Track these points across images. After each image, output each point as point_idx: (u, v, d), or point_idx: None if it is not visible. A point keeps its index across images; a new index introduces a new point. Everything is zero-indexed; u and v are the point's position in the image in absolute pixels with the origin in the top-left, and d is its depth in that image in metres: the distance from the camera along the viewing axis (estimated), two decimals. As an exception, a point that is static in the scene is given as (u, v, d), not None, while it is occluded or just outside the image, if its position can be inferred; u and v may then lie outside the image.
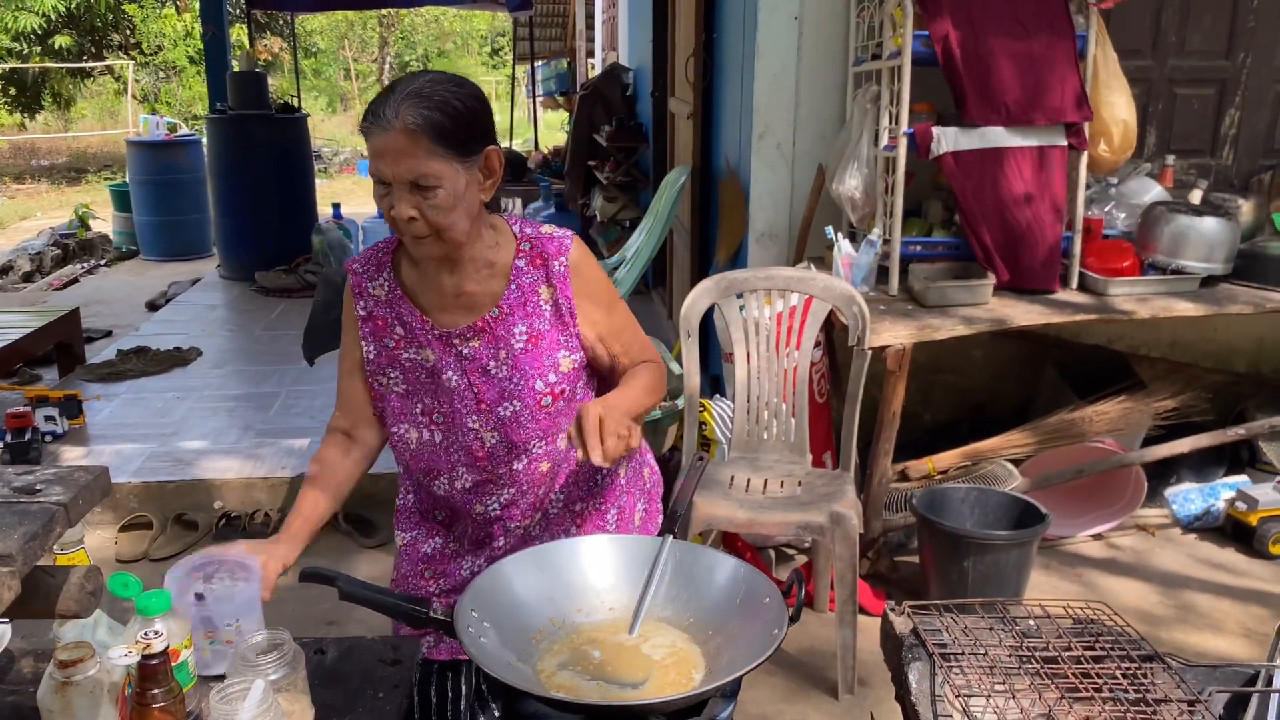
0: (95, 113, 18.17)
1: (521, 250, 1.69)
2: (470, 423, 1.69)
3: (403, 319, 1.70)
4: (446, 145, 1.51)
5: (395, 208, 1.53)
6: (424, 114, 1.49)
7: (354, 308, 1.73)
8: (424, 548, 1.85)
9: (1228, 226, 3.30)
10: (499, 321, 1.67)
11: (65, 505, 1.14)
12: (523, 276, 1.69)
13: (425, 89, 1.52)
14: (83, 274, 8.10)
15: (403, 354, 1.71)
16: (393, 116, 1.49)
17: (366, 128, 1.52)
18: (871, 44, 3.40)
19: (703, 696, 1.24)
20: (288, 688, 1.25)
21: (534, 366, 1.68)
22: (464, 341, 1.67)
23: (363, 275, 1.73)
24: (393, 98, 1.51)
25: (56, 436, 4.18)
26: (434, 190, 1.52)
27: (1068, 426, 3.51)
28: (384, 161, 1.51)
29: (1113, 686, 1.40)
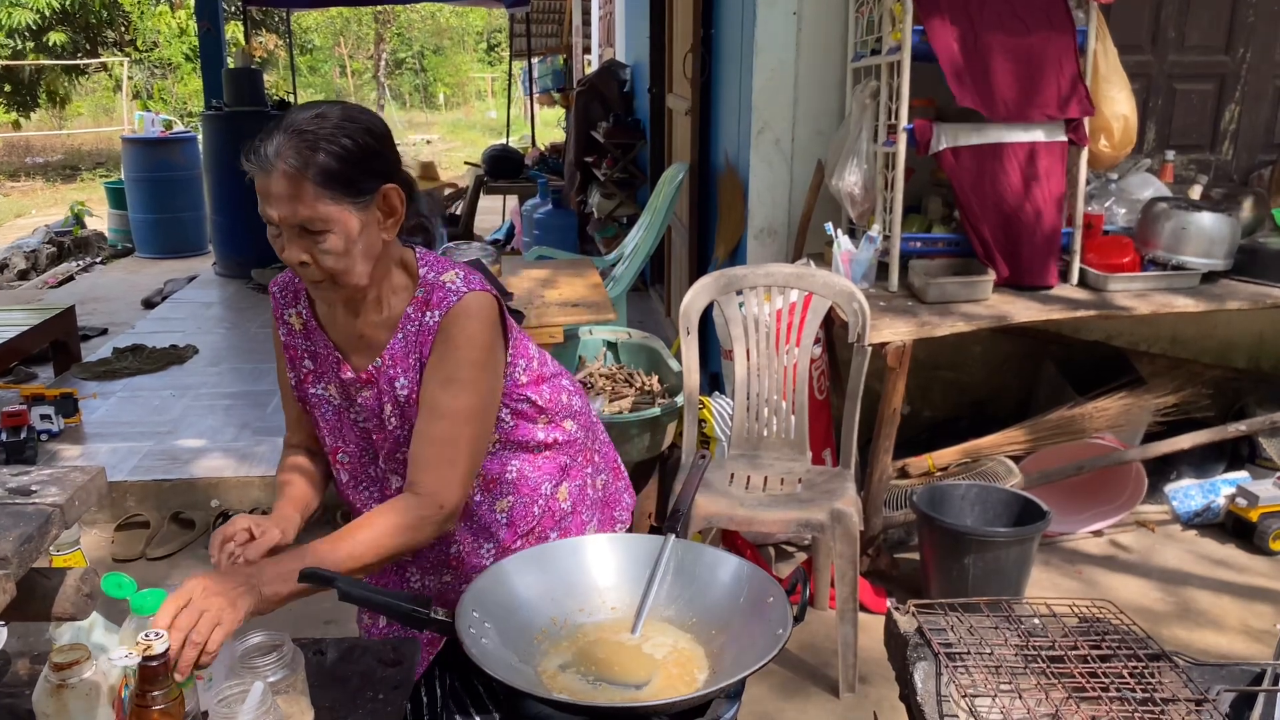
0: (90, 110, 18.14)
1: (416, 298, 1.57)
2: (379, 467, 1.67)
3: (315, 352, 1.65)
4: (334, 188, 1.42)
5: (286, 251, 1.46)
6: (306, 154, 1.40)
7: (277, 331, 1.68)
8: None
9: (1228, 222, 3.29)
10: (380, 373, 1.59)
11: (61, 507, 1.13)
12: (409, 324, 1.57)
13: (309, 125, 1.42)
14: (78, 271, 8.07)
15: (310, 389, 1.66)
16: (272, 157, 1.40)
17: (248, 168, 1.43)
18: (871, 39, 3.38)
19: (707, 698, 1.23)
20: (287, 689, 1.24)
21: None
22: (357, 391, 1.62)
23: (280, 301, 1.67)
24: (274, 136, 1.41)
25: (52, 435, 4.17)
26: (324, 235, 1.43)
27: (1068, 423, 3.50)
28: (268, 204, 1.43)
29: (1120, 686, 1.39)
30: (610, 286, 4.52)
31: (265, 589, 1.31)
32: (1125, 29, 3.66)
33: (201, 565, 3.48)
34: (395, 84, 23.63)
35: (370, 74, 22.81)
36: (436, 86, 25.07)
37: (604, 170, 7.43)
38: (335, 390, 1.64)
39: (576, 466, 1.82)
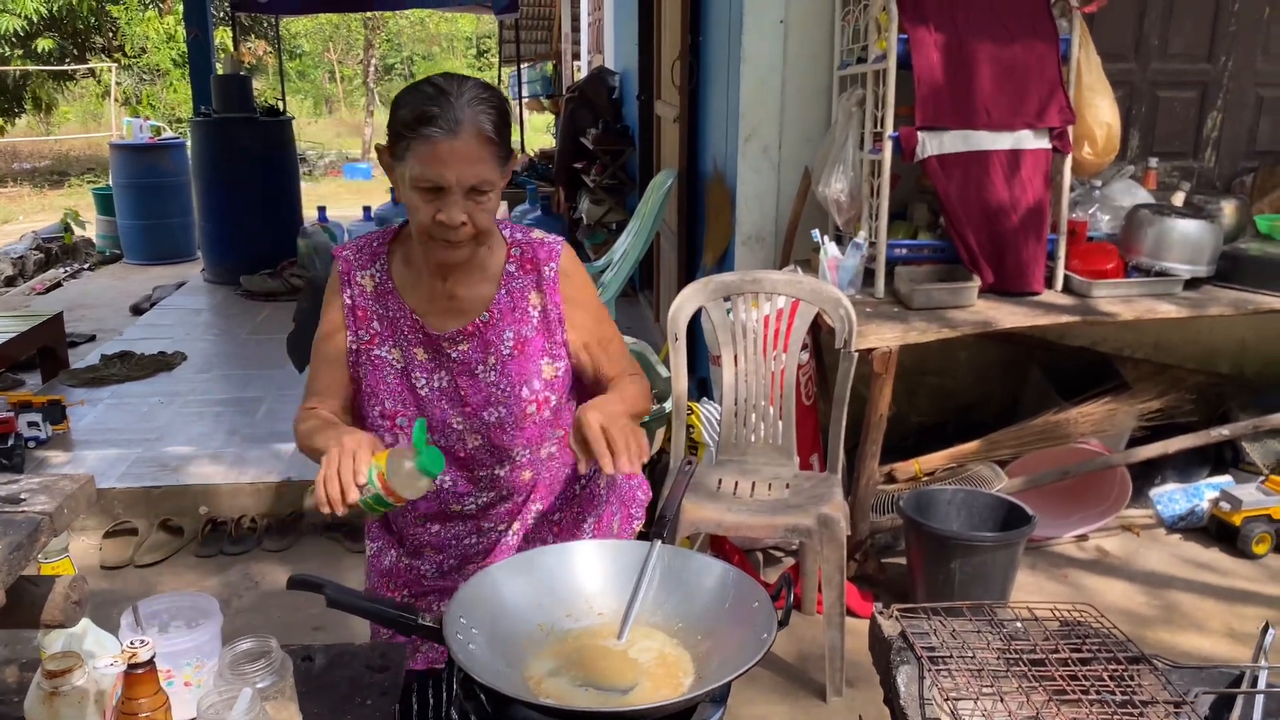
0: (78, 116, 18.08)
1: (512, 255, 1.68)
2: (454, 424, 1.67)
3: (387, 315, 1.67)
4: (500, 151, 1.52)
5: (446, 213, 1.50)
6: (492, 116, 1.49)
7: (340, 294, 1.68)
8: (384, 560, 1.85)
9: (1210, 229, 3.32)
10: (489, 326, 1.65)
11: (50, 515, 1.14)
12: (513, 282, 1.67)
13: (483, 94, 1.50)
14: (66, 278, 8.05)
15: (374, 350, 1.67)
16: (464, 120, 1.46)
17: (426, 133, 1.46)
18: (856, 48, 3.41)
19: (692, 702, 1.24)
20: (275, 695, 1.24)
21: (520, 373, 1.66)
22: (453, 345, 1.65)
23: (353, 263, 1.69)
24: (456, 101, 1.47)
25: (40, 442, 4.16)
26: (486, 195, 1.52)
27: (1053, 428, 3.53)
28: (447, 166, 1.47)
29: (1099, 688, 1.40)
30: (599, 292, 4.53)
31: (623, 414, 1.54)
32: (1108, 37, 3.70)
33: (191, 571, 3.48)
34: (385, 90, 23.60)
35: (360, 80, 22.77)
36: (426, 92, 25.01)
37: (593, 177, 7.45)
38: (423, 351, 1.66)
39: None
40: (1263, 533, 3.44)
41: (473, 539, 1.79)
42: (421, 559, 1.83)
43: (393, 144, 1.53)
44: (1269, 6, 3.89)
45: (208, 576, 3.44)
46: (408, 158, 1.49)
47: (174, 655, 1.33)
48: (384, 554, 1.86)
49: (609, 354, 1.74)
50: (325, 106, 23.33)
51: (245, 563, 3.52)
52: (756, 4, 3.58)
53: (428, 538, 1.81)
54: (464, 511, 1.76)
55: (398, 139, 1.51)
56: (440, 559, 1.82)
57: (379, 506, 1.43)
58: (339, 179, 15.07)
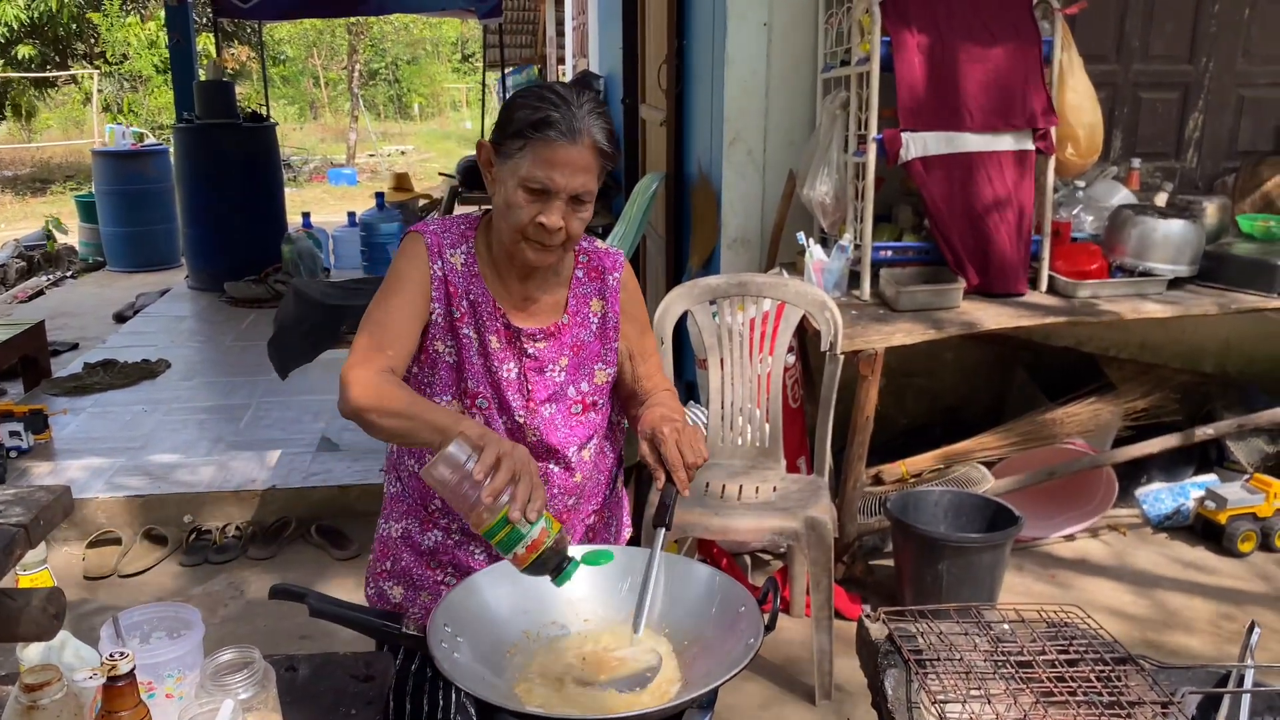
0: (60, 123, 17.96)
1: (580, 261, 1.74)
2: (518, 417, 1.70)
3: (473, 297, 1.68)
4: (605, 164, 1.57)
5: (548, 217, 1.54)
6: (606, 132, 1.56)
7: (427, 265, 1.66)
8: (424, 540, 1.80)
9: (1193, 229, 3.34)
10: (565, 329, 1.71)
11: (26, 527, 1.12)
12: (580, 287, 1.74)
13: (599, 106, 1.56)
14: (48, 286, 8.00)
15: (463, 328, 1.68)
16: (585, 131, 1.52)
17: (546, 136, 1.51)
18: (840, 50, 3.41)
19: (679, 708, 1.23)
20: (258, 706, 1.23)
21: (574, 375, 1.72)
22: (532, 342, 1.69)
23: (443, 239, 1.70)
24: (578, 110, 1.53)
25: (22, 452, 4.12)
26: (585, 205, 1.57)
27: (1039, 428, 3.54)
28: (561, 173, 1.52)
29: (1087, 690, 1.40)
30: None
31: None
32: (1090, 39, 3.72)
33: (176, 580, 3.45)
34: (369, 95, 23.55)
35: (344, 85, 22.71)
36: (411, 97, 25.00)
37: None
38: (497, 340, 1.67)
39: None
40: (1248, 531, 3.46)
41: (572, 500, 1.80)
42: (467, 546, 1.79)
43: (504, 142, 1.57)
44: (1248, 8, 3.92)
45: (192, 585, 3.41)
46: (520, 157, 1.54)
47: (155, 667, 1.32)
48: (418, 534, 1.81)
49: (649, 366, 1.80)
50: (309, 112, 23.24)
51: (230, 571, 3.49)
52: (740, 7, 3.58)
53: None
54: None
55: (514, 138, 1.55)
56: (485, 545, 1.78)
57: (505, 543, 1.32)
58: (323, 184, 15.01)
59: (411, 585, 1.82)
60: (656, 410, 1.66)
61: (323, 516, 3.76)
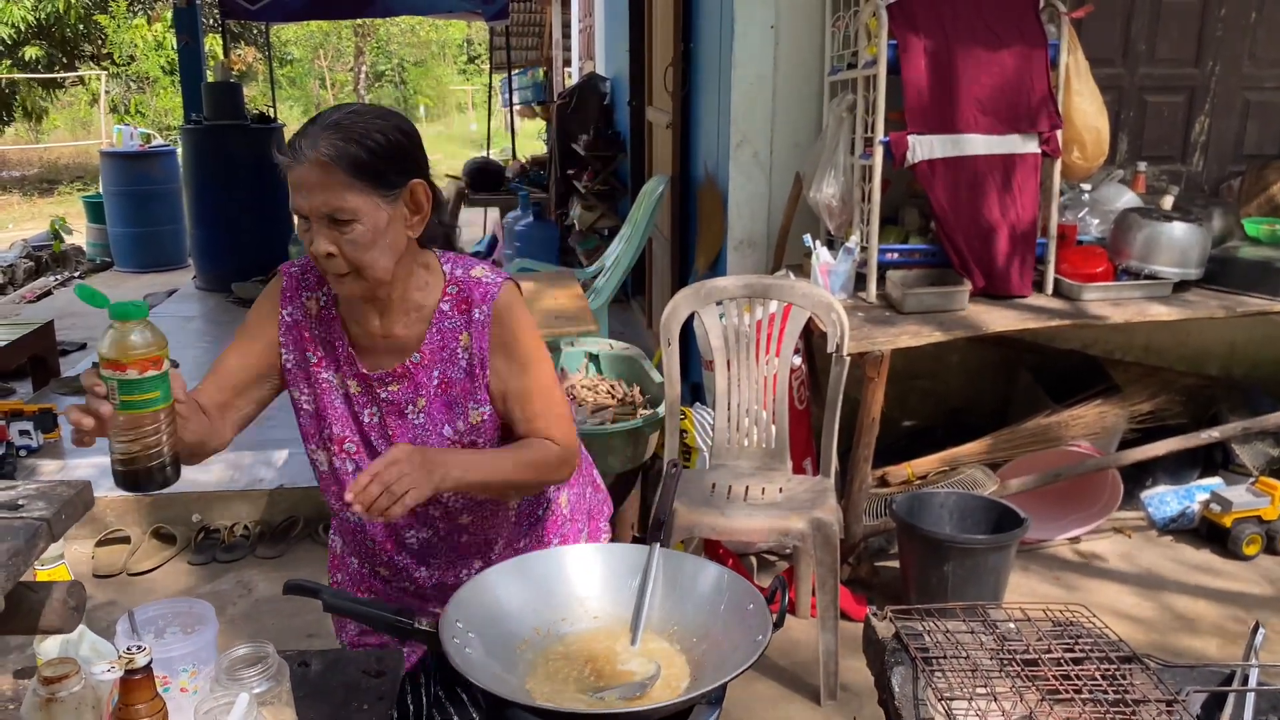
0: (67, 124, 18.03)
1: (448, 293, 1.63)
2: None
3: (329, 342, 1.66)
4: (364, 178, 1.47)
5: (314, 243, 1.49)
6: (339, 145, 1.45)
7: (277, 308, 1.67)
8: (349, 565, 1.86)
9: (1199, 232, 3.35)
10: (419, 368, 1.63)
11: (49, 520, 1.14)
12: (445, 321, 1.63)
13: (345, 120, 1.48)
14: (56, 286, 8.03)
15: (321, 374, 1.67)
16: (308, 149, 1.46)
17: (284, 161, 1.48)
18: (847, 53, 3.43)
19: (688, 703, 1.25)
20: (272, 700, 1.25)
21: (442, 414, 1.64)
22: (383, 385, 1.64)
23: (299, 282, 1.68)
24: (310, 130, 1.48)
25: (31, 450, 4.14)
26: (351, 225, 1.47)
27: (1044, 431, 3.54)
28: (299, 194, 1.47)
29: (1092, 688, 1.41)
30: (591, 298, 4.54)
31: (453, 473, 1.47)
32: (1096, 42, 3.72)
33: (184, 579, 3.47)
34: (375, 97, 23.61)
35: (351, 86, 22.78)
36: (417, 99, 25.07)
37: (585, 183, 7.46)
38: (354, 383, 1.65)
39: (575, 474, 1.86)
40: (1253, 534, 3.46)
41: (420, 573, 1.77)
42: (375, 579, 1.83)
43: None
44: (1255, 11, 3.93)
45: (201, 584, 3.43)
46: None
47: (170, 661, 1.34)
48: (347, 557, 1.86)
49: (525, 411, 1.64)
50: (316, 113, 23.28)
51: (238, 570, 3.51)
52: (747, 10, 3.60)
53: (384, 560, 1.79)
54: (405, 544, 1.74)
55: None
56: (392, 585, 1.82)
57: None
58: (330, 186, 15.01)
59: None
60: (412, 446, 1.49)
61: (330, 516, 3.77)
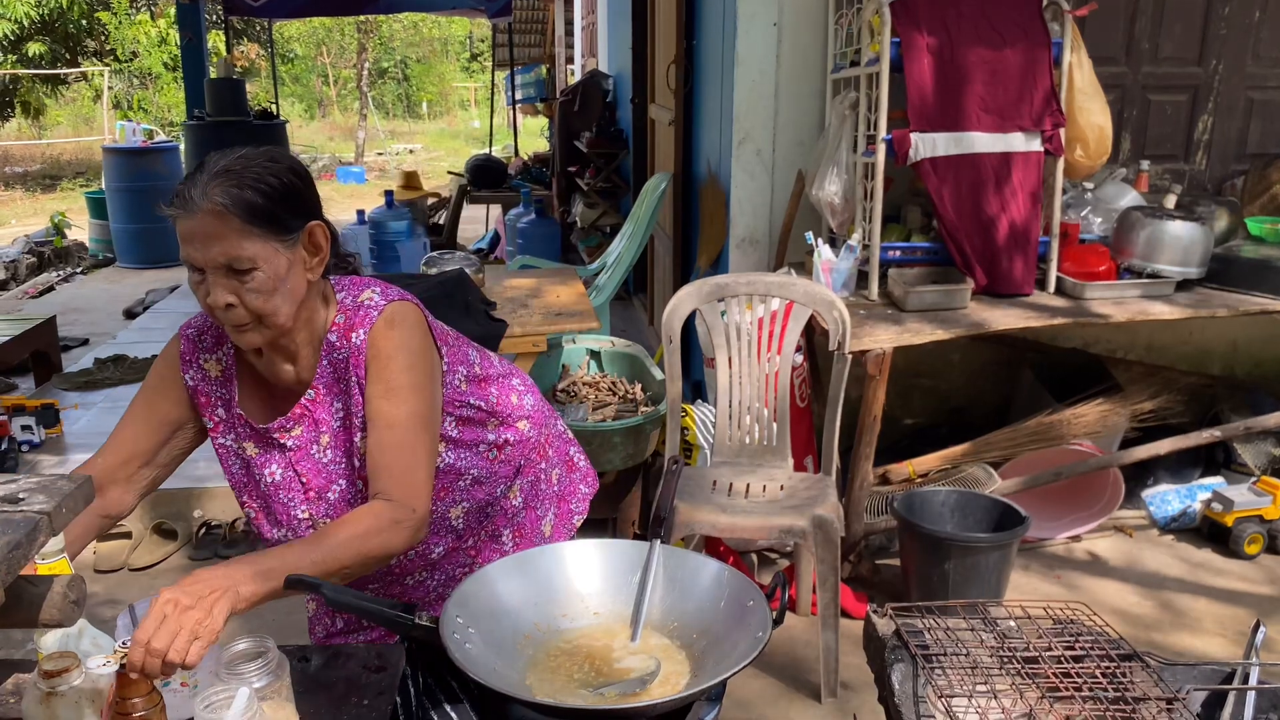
0: (70, 120, 18.05)
1: (335, 323, 1.56)
2: (300, 514, 1.62)
3: (227, 404, 1.62)
4: (261, 224, 1.42)
5: (211, 295, 1.43)
6: (233, 192, 1.40)
7: (179, 372, 1.62)
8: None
9: (1202, 231, 3.34)
10: (316, 404, 1.57)
11: (49, 514, 1.14)
12: (335, 353, 1.56)
13: (234, 166, 1.43)
14: (59, 282, 8.04)
15: (218, 439, 1.64)
16: (199, 198, 1.40)
17: (173, 213, 1.42)
18: (850, 51, 3.42)
19: (688, 700, 1.25)
20: (272, 695, 1.25)
21: (349, 444, 1.59)
22: (285, 433, 1.59)
23: (196, 345, 1.62)
24: (199, 178, 1.42)
25: (33, 446, 4.15)
26: (251, 273, 1.42)
27: (1046, 429, 3.54)
28: (193, 246, 1.41)
29: (1092, 685, 1.41)
30: (593, 295, 4.55)
31: (243, 589, 1.28)
32: (1100, 41, 3.72)
33: (185, 574, 3.46)
34: (378, 93, 23.61)
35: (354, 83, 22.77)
36: (420, 96, 25.06)
37: (587, 180, 7.46)
38: (250, 444, 1.61)
39: (530, 464, 1.84)
40: (1254, 533, 3.46)
41: (370, 589, 1.75)
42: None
43: None
44: (1259, 10, 3.92)
45: (202, 580, 3.43)
46: None
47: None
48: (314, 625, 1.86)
49: (376, 440, 1.51)
50: (318, 110, 23.31)
51: (240, 566, 3.51)
52: (750, 8, 3.59)
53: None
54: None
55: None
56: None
57: None
58: (332, 182, 15.05)
59: None
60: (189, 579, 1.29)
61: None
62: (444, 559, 1.76)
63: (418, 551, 1.71)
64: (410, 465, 1.50)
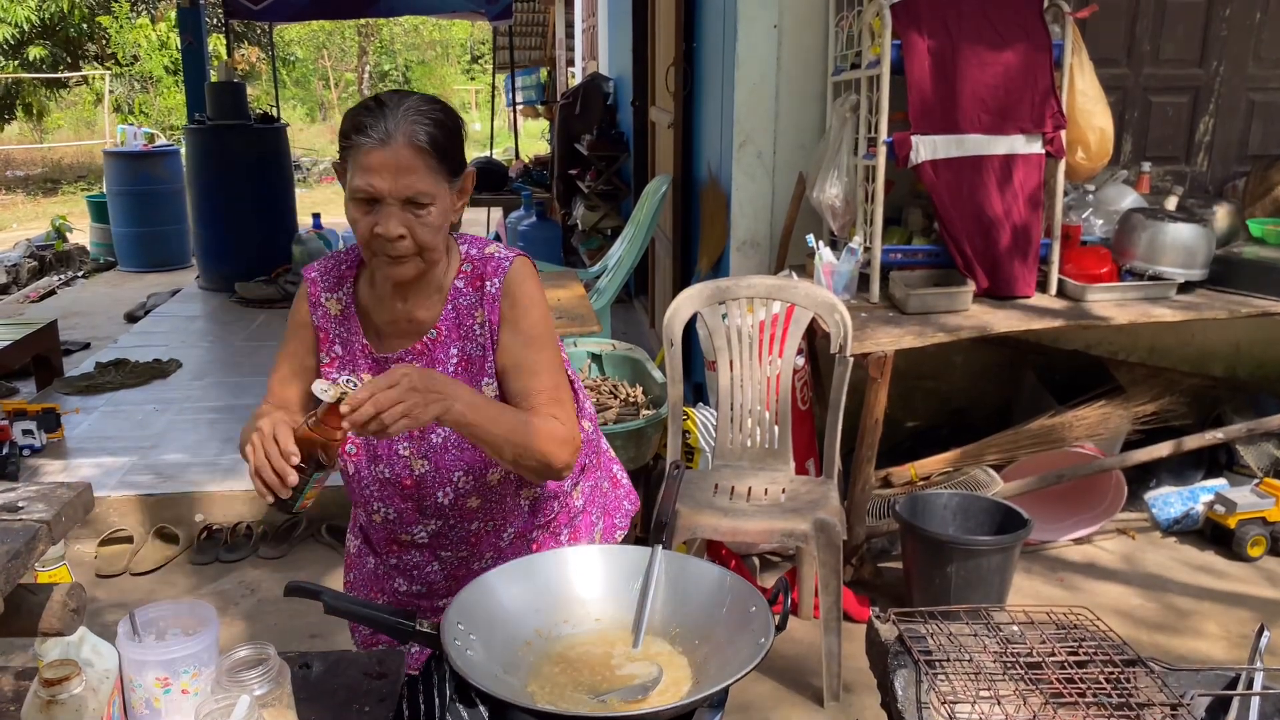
0: (71, 123, 18.06)
1: (463, 271, 1.65)
2: (401, 450, 1.66)
3: (346, 339, 1.67)
4: (444, 163, 1.51)
5: (383, 225, 1.49)
6: (428, 130, 1.49)
7: (308, 315, 1.68)
8: (366, 564, 1.85)
9: (1203, 233, 3.34)
10: (436, 345, 1.64)
11: (48, 523, 1.14)
12: (460, 298, 1.64)
13: (423, 107, 1.51)
14: (60, 286, 8.04)
15: (331, 374, 1.66)
16: (395, 131, 1.47)
17: (359, 142, 1.48)
18: (850, 53, 3.42)
19: (691, 707, 1.24)
20: (273, 703, 1.24)
21: None
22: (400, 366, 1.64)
23: (320, 284, 1.69)
24: (390, 113, 1.49)
25: (34, 450, 4.15)
26: (427, 209, 1.50)
27: (1048, 432, 3.54)
28: (380, 177, 1.47)
29: (1096, 691, 1.41)
30: (594, 298, 4.54)
31: (455, 406, 1.42)
32: (1101, 43, 3.72)
33: (187, 579, 3.47)
34: (379, 96, 23.60)
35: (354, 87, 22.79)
36: (420, 99, 25.05)
37: (588, 183, 7.46)
38: (367, 376, 1.64)
39: (590, 467, 1.88)
40: (1257, 535, 3.45)
41: (433, 567, 1.77)
42: (393, 579, 1.83)
43: (341, 159, 1.55)
44: (1260, 11, 3.92)
45: (203, 584, 3.43)
46: (349, 170, 1.51)
47: (171, 663, 1.33)
48: (364, 557, 1.86)
49: (529, 385, 1.62)
50: (320, 113, 23.33)
51: (241, 570, 3.51)
52: (750, 10, 3.59)
53: (394, 561, 1.80)
54: (415, 541, 1.74)
55: (341, 152, 1.53)
56: (407, 585, 1.81)
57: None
58: (333, 185, 15.05)
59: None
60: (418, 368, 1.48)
61: (333, 516, 3.78)
62: (509, 546, 1.78)
63: (494, 527, 1.74)
64: (563, 402, 1.63)
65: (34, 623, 1.19)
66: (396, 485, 1.68)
